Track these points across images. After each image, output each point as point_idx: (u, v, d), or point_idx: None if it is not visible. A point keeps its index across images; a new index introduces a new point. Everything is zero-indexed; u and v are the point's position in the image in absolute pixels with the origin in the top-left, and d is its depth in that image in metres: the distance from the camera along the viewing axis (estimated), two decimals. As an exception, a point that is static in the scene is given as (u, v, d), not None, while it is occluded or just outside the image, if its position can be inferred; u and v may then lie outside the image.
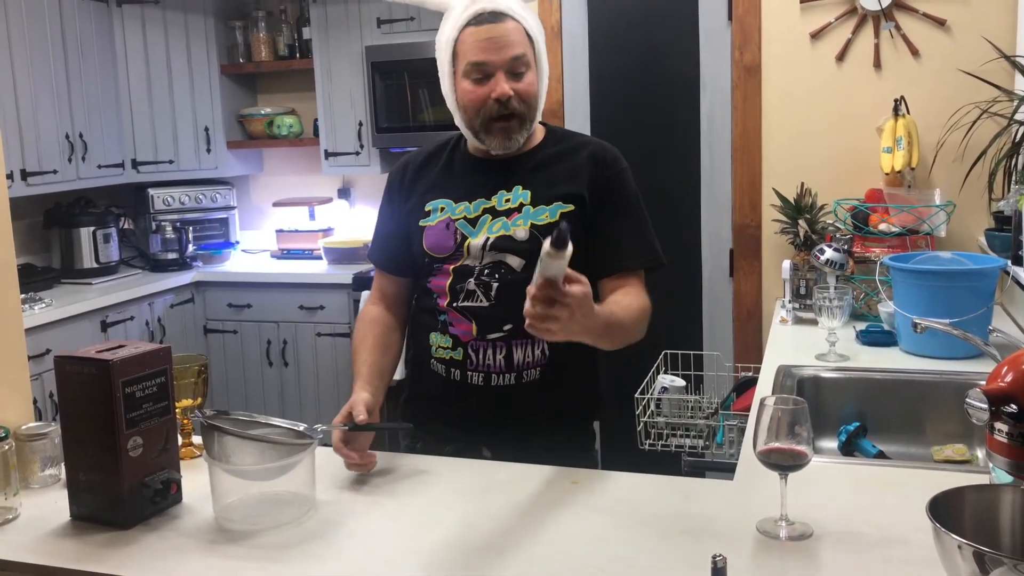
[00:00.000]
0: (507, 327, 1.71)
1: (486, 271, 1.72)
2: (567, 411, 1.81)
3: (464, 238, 1.74)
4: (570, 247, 1.30)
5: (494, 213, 1.75)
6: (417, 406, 1.87)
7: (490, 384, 1.73)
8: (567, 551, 1.29)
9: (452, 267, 1.74)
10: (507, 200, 1.75)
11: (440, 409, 1.81)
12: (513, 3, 1.73)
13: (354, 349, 1.82)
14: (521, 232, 1.72)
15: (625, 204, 1.79)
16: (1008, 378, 1.09)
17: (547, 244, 1.30)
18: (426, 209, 1.80)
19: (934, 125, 3.04)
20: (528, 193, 1.75)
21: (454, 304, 1.74)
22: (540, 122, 1.84)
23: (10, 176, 3.67)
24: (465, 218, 1.76)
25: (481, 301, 1.72)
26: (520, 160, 1.79)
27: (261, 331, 4.34)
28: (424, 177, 1.84)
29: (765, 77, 3.30)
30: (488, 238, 1.73)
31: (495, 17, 1.69)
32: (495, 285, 1.71)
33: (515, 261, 1.71)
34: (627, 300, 1.70)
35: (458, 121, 1.78)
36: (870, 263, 2.79)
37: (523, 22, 1.72)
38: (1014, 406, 1.07)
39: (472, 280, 1.72)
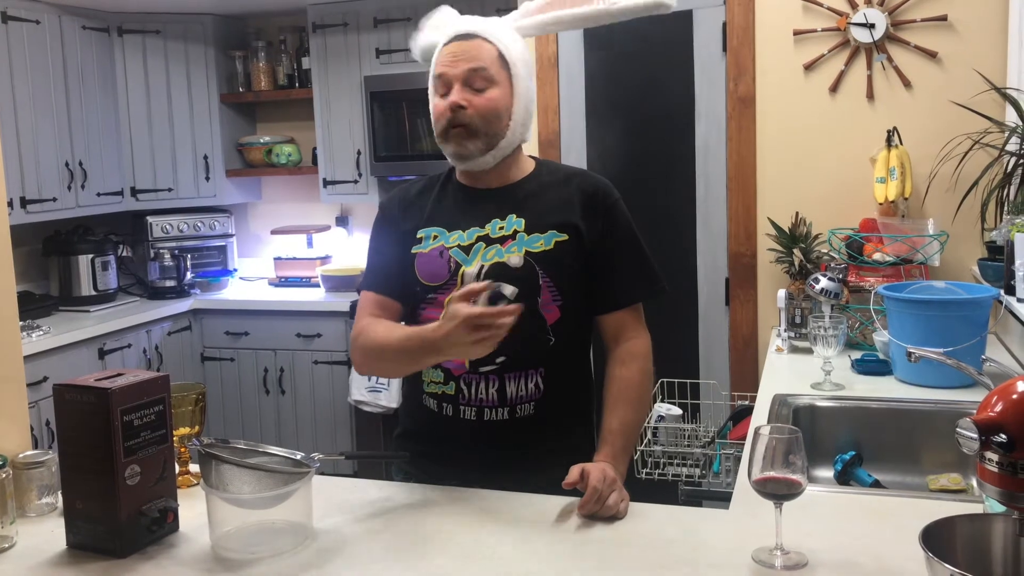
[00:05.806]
0: (500, 359, 1.68)
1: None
2: (562, 450, 1.73)
3: (458, 266, 1.73)
4: None
5: (488, 241, 1.74)
6: (409, 442, 1.83)
7: (483, 419, 1.70)
8: (563, 580, 1.29)
9: (446, 298, 1.72)
10: (501, 228, 1.75)
11: (432, 447, 1.78)
12: (491, 26, 1.77)
13: (380, 335, 1.72)
14: (515, 259, 1.72)
15: (623, 237, 1.80)
16: (997, 407, 1.10)
17: None
18: (418, 236, 1.79)
19: (927, 156, 3.06)
20: (522, 221, 1.75)
21: None
22: (530, 156, 1.87)
23: (10, 204, 3.69)
24: (459, 246, 1.75)
25: None
26: (512, 189, 1.80)
27: (258, 359, 4.35)
28: (416, 208, 1.83)
29: (759, 108, 3.33)
30: (483, 266, 1.72)
31: (464, 37, 1.75)
32: None
33: (508, 289, 1.70)
34: (629, 378, 1.77)
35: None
36: (865, 292, 2.80)
37: (496, 43, 1.74)
38: (1004, 435, 1.08)
39: None
